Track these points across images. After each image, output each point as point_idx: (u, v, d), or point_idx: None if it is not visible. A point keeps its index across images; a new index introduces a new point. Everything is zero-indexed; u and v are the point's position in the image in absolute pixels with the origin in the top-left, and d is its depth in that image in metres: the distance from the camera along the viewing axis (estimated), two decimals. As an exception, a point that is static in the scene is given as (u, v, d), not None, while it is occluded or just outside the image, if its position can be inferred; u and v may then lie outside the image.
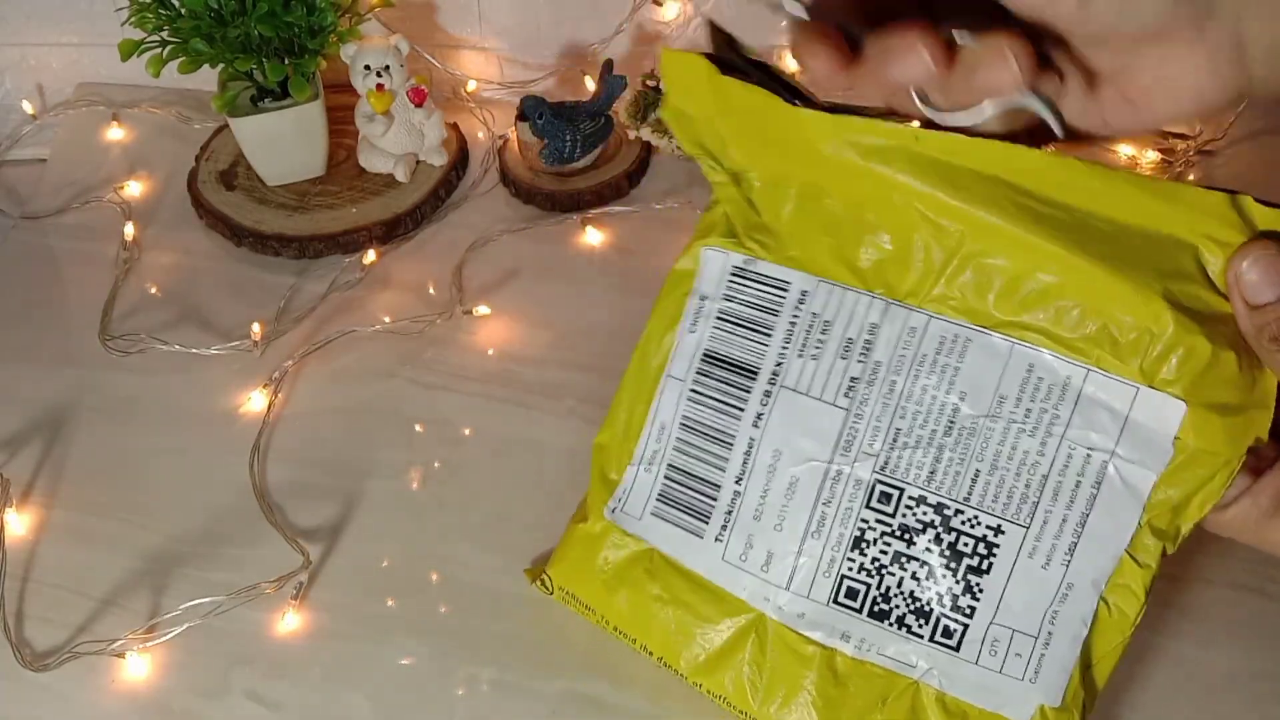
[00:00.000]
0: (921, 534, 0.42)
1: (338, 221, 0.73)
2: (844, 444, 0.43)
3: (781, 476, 0.44)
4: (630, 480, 0.48)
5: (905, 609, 0.42)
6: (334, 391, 0.64)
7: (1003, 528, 0.41)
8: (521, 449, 0.61)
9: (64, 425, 0.62)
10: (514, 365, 0.65)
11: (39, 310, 0.70)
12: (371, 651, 0.52)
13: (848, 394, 0.43)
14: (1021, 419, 0.41)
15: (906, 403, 0.42)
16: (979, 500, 0.41)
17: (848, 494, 0.43)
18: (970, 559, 0.41)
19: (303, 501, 0.58)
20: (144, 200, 0.77)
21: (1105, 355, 0.39)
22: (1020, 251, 0.40)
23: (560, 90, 0.84)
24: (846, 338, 0.43)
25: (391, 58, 0.72)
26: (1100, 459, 0.40)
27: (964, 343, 0.41)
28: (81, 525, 0.57)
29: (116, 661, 0.51)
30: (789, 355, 0.44)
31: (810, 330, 0.43)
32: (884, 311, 0.42)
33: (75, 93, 0.84)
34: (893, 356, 0.42)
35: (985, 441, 0.41)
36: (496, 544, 0.56)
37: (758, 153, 0.43)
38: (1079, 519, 0.40)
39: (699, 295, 0.47)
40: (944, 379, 0.41)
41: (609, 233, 0.74)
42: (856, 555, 0.43)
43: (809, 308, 0.44)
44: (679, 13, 0.82)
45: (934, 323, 0.41)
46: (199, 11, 0.67)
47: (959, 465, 0.41)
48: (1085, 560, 0.40)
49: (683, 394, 0.46)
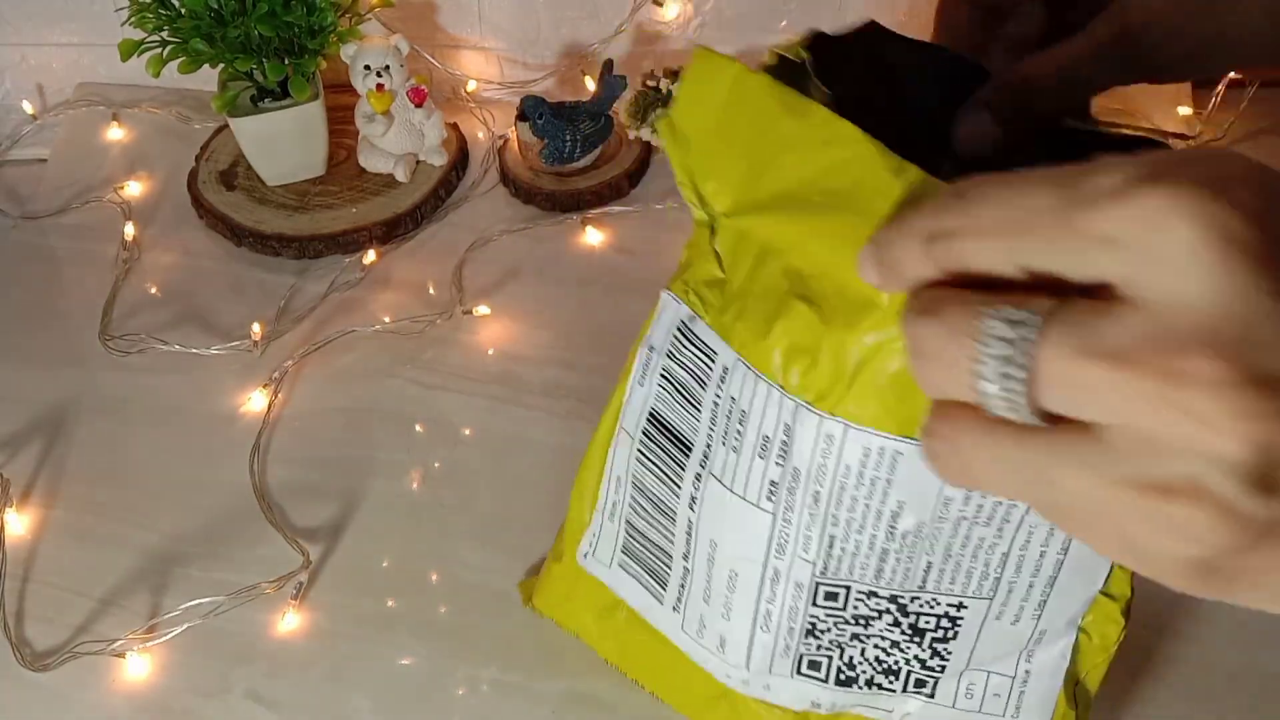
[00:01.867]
0: (877, 619, 0.38)
1: (338, 221, 0.73)
2: (777, 547, 0.37)
3: (721, 568, 0.39)
4: (598, 526, 0.45)
5: (873, 671, 0.40)
6: (334, 391, 0.64)
7: (964, 604, 0.37)
8: (521, 449, 0.61)
9: (64, 425, 0.62)
10: (514, 365, 0.65)
11: (39, 310, 0.70)
12: (371, 651, 0.52)
13: (770, 497, 0.37)
14: (973, 515, 0.35)
15: (837, 511, 0.36)
16: (935, 586, 0.37)
17: (790, 593, 0.38)
18: (934, 632, 0.38)
19: (303, 501, 0.58)
20: (144, 200, 0.77)
21: None
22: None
23: (560, 90, 0.84)
24: (763, 434, 0.36)
25: (391, 58, 0.72)
26: (1065, 534, 0.36)
27: (892, 455, 0.34)
28: (81, 525, 0.57)
29: (116, 661, 0.51)
30: (715, 439, 0.38)
31: (729, 417, 0.37)
32: (794, 413, 0.35)
33: (75, 93, 0.84)
34: (812, 465, 0.35)
35: (934, 540, 0.36)
36: (496, 544, 0.56)
37: (744, 177, 0.36)
38: (1046, 581, 0.37)
39: (648, 345, 0.41)
40: (875, 490, 0.35)
41: (609, 233, 0.74)
42: (811, 641, 0.39)
43: (729, 390, 0.37)
44: (679, 13, 0.82)
45: (852, 433, 0.34)
46: (199, 11, 0.67)
47: (908, 563, 0.36)
48: (1056, 610, 0.38)
49: (632, 451, 0.41)
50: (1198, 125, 0.79)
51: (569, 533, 0.47)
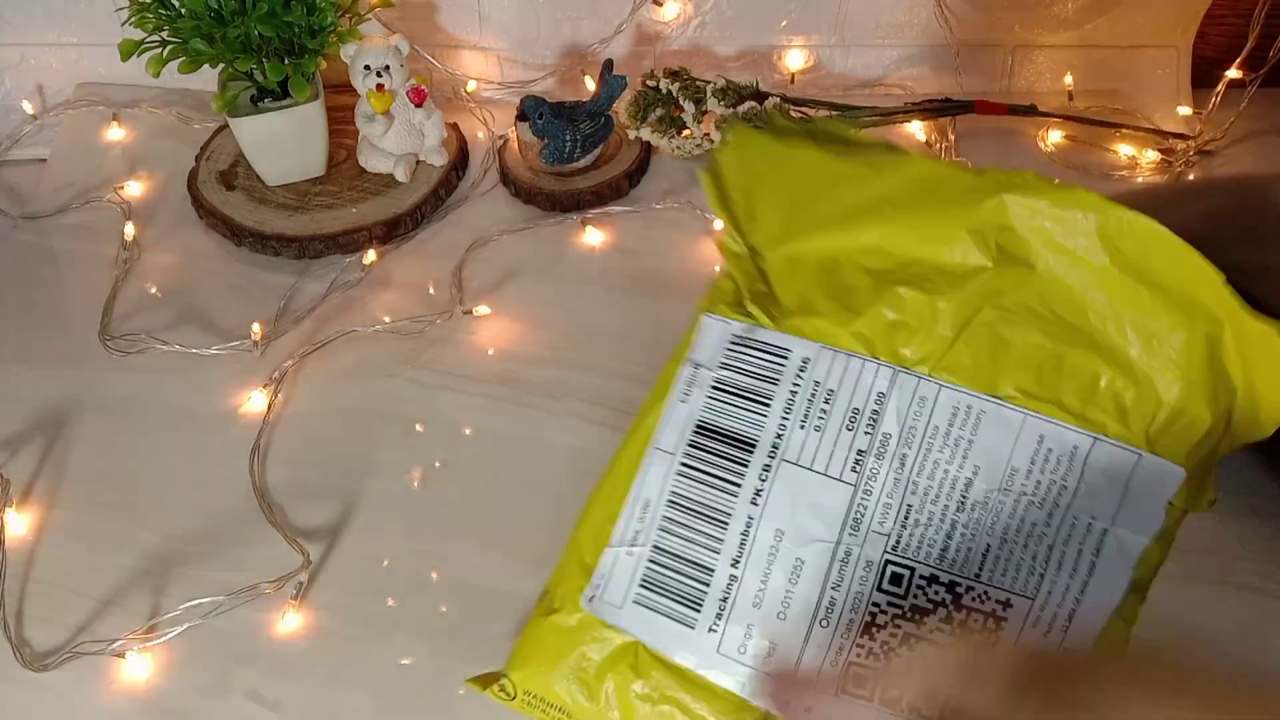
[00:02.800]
0: (931, 614, 0.40)
1: (338, 221, 0.73)
2: (852, 522, 0.40)
3: (785, 559, 0.41)
4: (609, 564, 0.44)
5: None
6: (334, 391, 0.64)
7: (1010, 601, 0.40)
8: (521, 449, 0.61)
9: (64, 425, 0.62)
10: (514, 365, 0.65)
11: (39, 310, 0.70)
12: (371, 651, 0.52)
13: (855, 468, 0.40)
14: (1031, 491, 0.40)
15: (918, 477, 0.40)
16: (989, 576, 0.40)
17: (858, 577, 0.40)
18: (978, 635, 0.40)
19: (303, 501, 0.58)
20: (144, 200, 0.77)
21: (1112, 423, 0.40)
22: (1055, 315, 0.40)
23: (560, 90, 0.84)
24: (853, 408, 0.41)
25: (391, 58, 0.72)
26: (1101, 527, 0.40)
27: (977, 415, 0.40)
28: (81, 525, 0.57)
29: (116, 661, 0.51)
30: (790, 426, 0.42)
31: (813, 400, 0.42)
32: (891, 380, 0.41)
33: (75, 93, 0.84)
34: (903, 429, 0.40)
35: (996, 516, 0.40)
36: (496, 544, 0.56)
37: (786, 216, 0.44)
38: (1080, 588, 0.40)
39: (693, 363, 0.44)
40: (957, 453, 0.40)
41: (609, 233, 0.74)
42: (866, 641, 0.40)
43: (811, 375, 0.42)
44: (679, 13, 0.82)
45: (945, 392, 0.40)
46: (199, 11, 0.67)
47: (970, 542, 0.40)
48: (1080, 627, 0.40)
49: (671, 468, 0.43)
50: (1198, 125, 0.79)
51: (565, 583, 0.45)
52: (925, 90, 0.83)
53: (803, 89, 0.83)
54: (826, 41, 0.83)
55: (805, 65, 0.84)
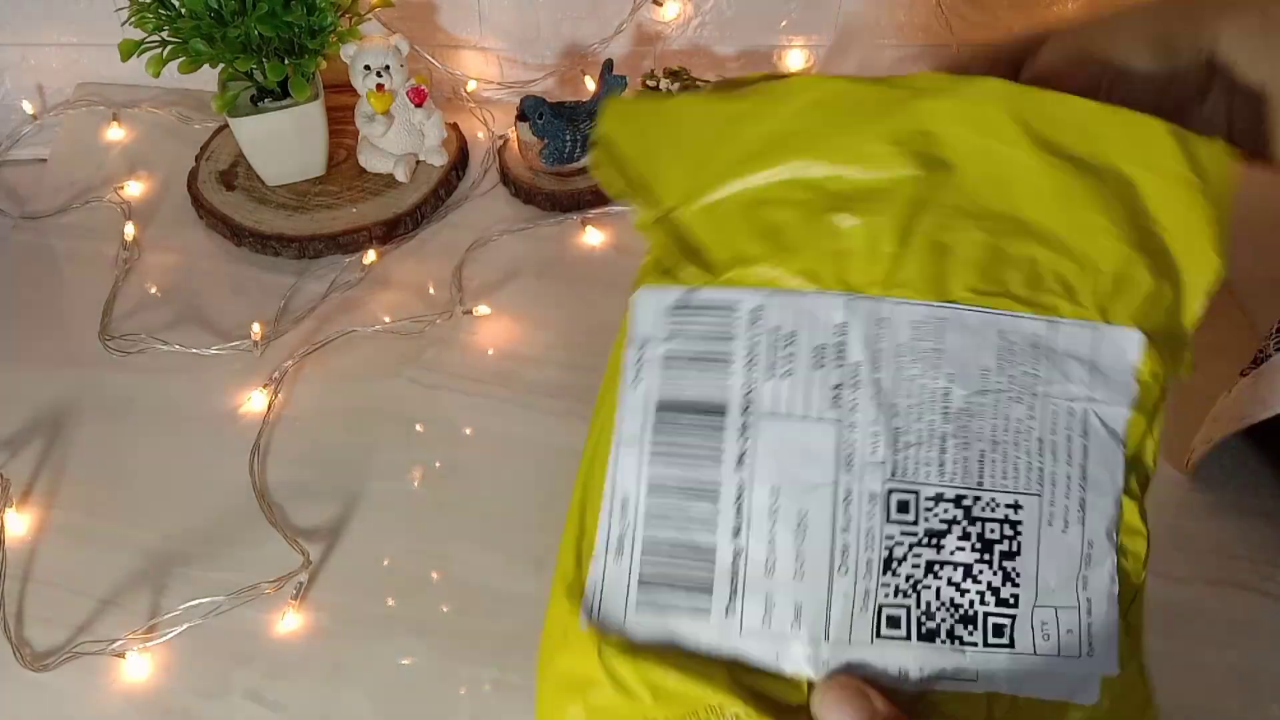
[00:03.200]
0: (948, 534, 0.39)
1: (338, 221, 0.73)
2: (845, 459, 0.39)
3: (787, 515, 0.39)
4: (598, 576, 0.41)
5: (952, 620, 0.39)
6: (334, 391, 0.64)
7: (1019, 502, 0.40)
8: (521, 449, 0.61)
9: (64, 425, 0.62)
10: (514, 365, 0.65)
11: (39, 310, 0.70)
12: (371, 651, 0.52)
13: (834, 404, 0.39)
14: (1007, 386, 0.40)
15: (897, 398, 0.39)
16: (991, 481, 0.39)
17: (864, 513, 0.39)
18: (1000, 544, 0.39)
19: (303, 501, 0.58)
20: (144, 200, 0.77)
21: (1062, 303, 0.40)
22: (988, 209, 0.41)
23: (560, 90, 0.84)
24: (816, 345, 0.39)
25: (391, 58, 0.72)
26: (1081, 409, 0.40)
27: (937, 323, 0.39)
28: (81, 525, 0.57)
29: (116, 661, 0.51)
30: (757, 381, 0.40)
31: (774, 348, 0.40)
32: (847, 307, 0.40)
33: (75, 93, 0.84)
34: (871, 354, 0.39)
35: (981, 419, 0.39)
36: (496, 544, 0.56)
37: (688, 171, 0.42)
38: (1080, 474, 0.40)
39: (636, 344, 0.42)
40: (928, 365, 0.39)
41: (609, 233, 0.74)
42: (890, 578, 0.39)
43: (765, 324, 0.40)
44: (679, 13, 0.82)
45: (901, 308, 0.39)
46: (199, 11, 0.67)
47: (965, 450, 0.39)
48: (1095, 513, 0.40)
49: (642, 456, 0.41)
50: (1198, 125, 0.78)
51: (558, 620, 0.42)
52: (925, 90, 0.83)
53: (803, 89, 0.83)
54: (826, 41, 0.83)
55: (805, 65, 0.84)
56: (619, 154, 0.44)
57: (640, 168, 0.44)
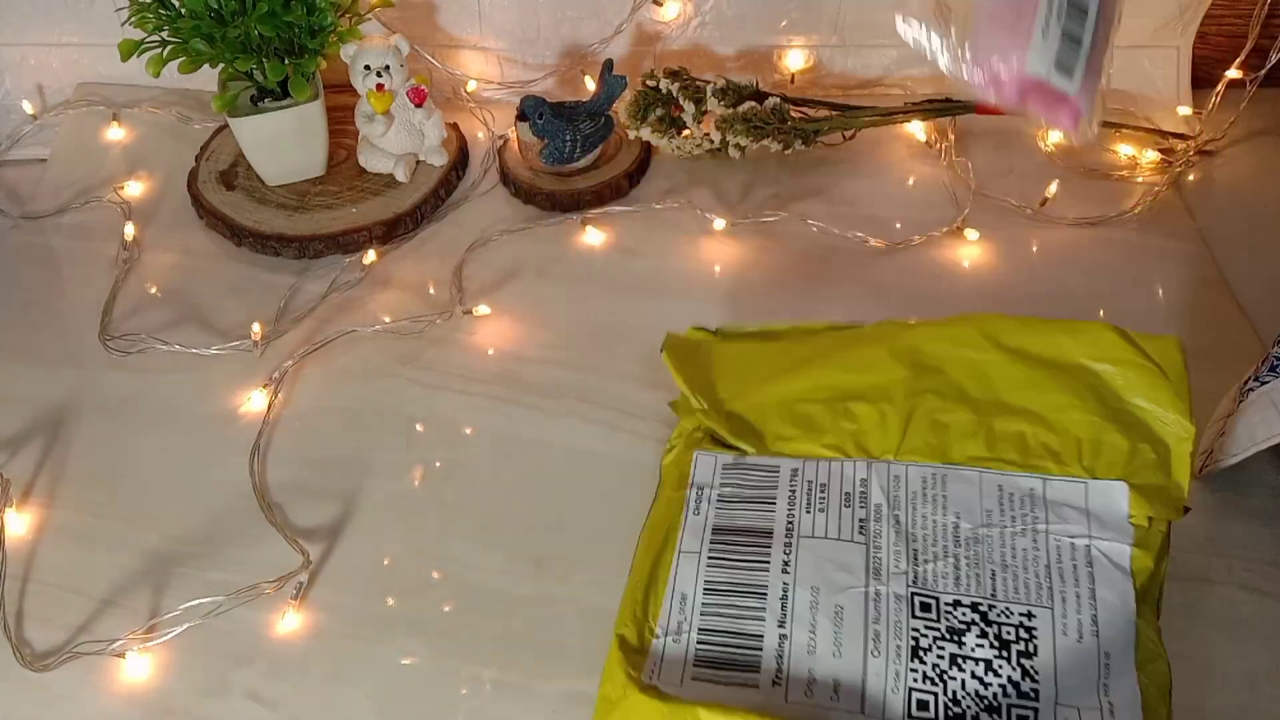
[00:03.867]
0: (967, 632, 0.45)
1: (338, 221, 0.73)
2: (874, 569, 0.48)
3: (825, 608, 0.47)
4: (659, 651, 0.47)
5: (977, 707, 0.43)
6: (334, 391, 0.64)
7: (1032, 613, 0.46)
8: (521, 449, 0.61)
9: (64, 425, 0.62)
10: (514, 365, 0.65)
11: (39, 310, 0.70)
12: (372, 651, 0.52)
13: (861, 531, 0.49)
14: (1010, 524, 0.48)
15: (914, 528, 0.49)
16: (1004, 594, 0.46)
17: (892, 608, 0.46)
18: (1016, 644, 0.45)
19: (303, 501, 0.58)
20: (144, 200, 0.77)
21: (1050, 464, 0.50)
22: (974, 398, 0.53)
23: (560, 90, 0.84)
24: (844, 493, 0.51)
25: (391, 58, 0.72)
26: (1083, 544, 0.47)
27: (942, 478, 0.50)
28: (81, 525, 0.57)
29: (116, 661, 0.51)
30: (797, 514, 0.51)
31: (810, 493, 0.51)
32: (868, 468, 0.51)
33: (75, 93, 0.84)
34: (889, 499, 0.50)
35: (990, 546, 0.48)
36: (496, 544, 0.56)
37: (732, 388, 0.57)
38: (1089, 593, 0.46)
39: (696, 487, 0.53)
40: (937, 506, 0.49)
41: (609, 233, 0.74)
42: (918, 665, 0.45)
43: (804, 477, 0.52)
44: (679, 13, 0.82)
45: (912, 469, 0.51)
46: (199, 11, 0.67)
47: (976, 568, 0.47)
48: (1109, 629, 0.45)
49: (700, 563, 0.50)
50: (1197, 125, 0.79)
51: (617, 670, 0.46)
52: (925, 90, 0.83)
53: (803, 89, 0.83)
54: (826, 41, 0.83)
55: (805, 65, 0.84)
56: (679, 362, 0.57)
57: (694, 374, 0.57)
